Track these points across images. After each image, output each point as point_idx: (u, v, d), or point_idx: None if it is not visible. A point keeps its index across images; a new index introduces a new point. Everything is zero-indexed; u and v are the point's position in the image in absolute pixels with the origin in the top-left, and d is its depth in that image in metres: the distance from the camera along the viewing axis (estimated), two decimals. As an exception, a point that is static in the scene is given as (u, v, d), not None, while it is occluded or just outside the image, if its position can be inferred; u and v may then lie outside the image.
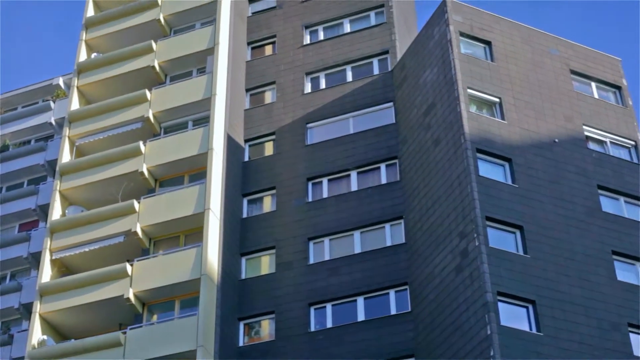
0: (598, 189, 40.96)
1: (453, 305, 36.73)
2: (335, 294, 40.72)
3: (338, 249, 42.21)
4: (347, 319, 40.05)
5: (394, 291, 40.23)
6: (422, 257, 39.61)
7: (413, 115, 43.69)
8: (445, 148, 40.41)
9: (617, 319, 37.24)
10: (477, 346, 34.81)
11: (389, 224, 42.12)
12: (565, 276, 37.32)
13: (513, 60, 43.61)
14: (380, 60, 48.05)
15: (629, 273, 39.21)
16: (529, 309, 36.08)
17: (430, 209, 39.97)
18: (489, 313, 34.79)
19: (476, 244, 36.49)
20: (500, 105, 41.61)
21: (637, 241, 40.00)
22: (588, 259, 38.33)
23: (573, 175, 40.75)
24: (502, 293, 35.70)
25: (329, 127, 46.26)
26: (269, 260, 43.16)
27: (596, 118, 43.67)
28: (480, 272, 35.79)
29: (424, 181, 41.15)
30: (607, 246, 39.20)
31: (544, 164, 40.40)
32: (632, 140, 43.89)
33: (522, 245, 37.65)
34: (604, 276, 38.17)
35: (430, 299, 38.22)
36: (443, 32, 43.39)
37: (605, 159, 42.32)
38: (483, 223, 37.10)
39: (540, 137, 41.29)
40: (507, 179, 39.45)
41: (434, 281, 38.30)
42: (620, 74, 46.39)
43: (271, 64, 49.80)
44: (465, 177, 38.43)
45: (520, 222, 38.03)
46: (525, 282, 36.35)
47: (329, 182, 44.46)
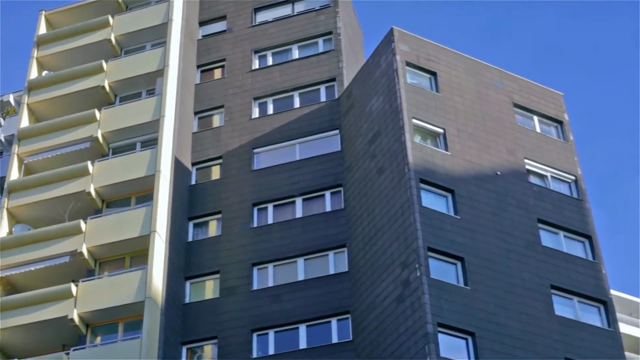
0: (538, 223, 41.77)
1: (394, 335, 37.25)
2: (277, 321, 41.07)
3: (282, 276, 42.60)
4: (289, 347, 40.39)
5: (336, 320, 40.68)
6: (364, 286, 40.13)
7: (358, 143, 44.27)
8: (389, 177, 40.99)
9: (555, 353, 37.96)
10: (416, 376, 35.37)
11: (332, 252, 42.61)
12: (505, 309, 38.00)
13: (458, 91, 44.34)
14: (327, 87, 48.60)
15: (566, 307, 40.01)
16: (469, 341, 36.66)
17: (374, 238, 40.52)
18: (429, 344, 35.32)
19: (417, 275, 37.05)
20: (444, 136, 42.28)
21: (575, 276, 40.85)
22: (527, 292, 39.08)
23: (514, 208, 41.53)
24: (442, 324, 36.27)
25: (276, 152, 46.71)
26: (213, 284, 43.44)
27: (538, 152, 44.54)
28: (421, 302, 36.35)
29: (367, 210, 41.70)
30: (546, 280, 39.99)
31: (486, 196, 41.14)
32: (573, 175, 44.78)
33: (463, 276, 38.28)
34: (542, 310, 38.93)
35: (372, 328, 38.71)
36: (390, 62, 43.98)
37: (545, 193, 43.17)
38: (425, 253, 37.68)
39: (483, 169, 42.03)
40: (450, 210, 40.10)
41: (376, 310, 38.82)
42: (562, 109, 47.33)
43: (220, 87, 50.15)
44: (408, 207, 39.02)
45: (461, 254, 38.68)
46: (465, 314, 36.98)
47: (275, 208, 44.87)
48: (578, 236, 42.62)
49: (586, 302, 40.72)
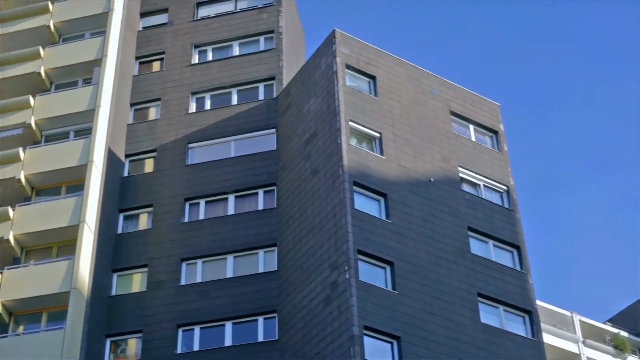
0: (468, 231, 42.03)
1: (319, 336, 37.22)
2: (204, 317, 40.85)
3: (210, 272, 42.37)
4: (215, 343, 40.18)
5: (262, 318, 40.56)
6: (292, 286, 40.06)
7: (294, 143, 44.20)
8: (323, 178, 40.97)
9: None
10: (340, 378, 35.39)
11: (262, 251, 42.49)
12: (431, 315, 38.17)
13: (396, 96, 44.45)
14: (266, 85, 48.48)
15: (492, 316, 40.31)
16: (394, 345, 36.78)
17: (304, 238, 40.46)
18: (354, 346, 35.35)
19: (346, 277, 37.07)
20: (380, 140, 42.35)
21: (502, 285, 41.16)
22: (454, 299, 39.29)
23: (445, 215, 41.73)
24: (369, 327, 36.32)
25: (211, 148, 46.48)
26: (141, 278, 43.07)
27: (472, 161, 44.80)
28: (349, 305, 36.36)
29: (300, 210, 41.64)
30: (473, 288, 40.24)
31: (418, 202, 41.29)
32: (505, 185, 45.12)
33: (392, 281, 38.37)
34: (468, 317, 39.17)
35: (298, 329, 38.65)
36: (330, 63, 43.97)
37: (477, 201, 43.45)
38: (355, 256, 37.71)
39: (417, 175, 42.18)
40: (382, 214, 40.18)
41: (303, 311, 38.76)
42: (498, 119, 47.67)
43: (158, 80, 49.78)
44: (341, 209, 39.02)
45: (391, 258, 38.78)
46: (392, 318, 37.08)
47: (207, 204, 44.62)
48: (507, 246, 42.96)
49: (512, 311, 41.06)
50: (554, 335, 58.75)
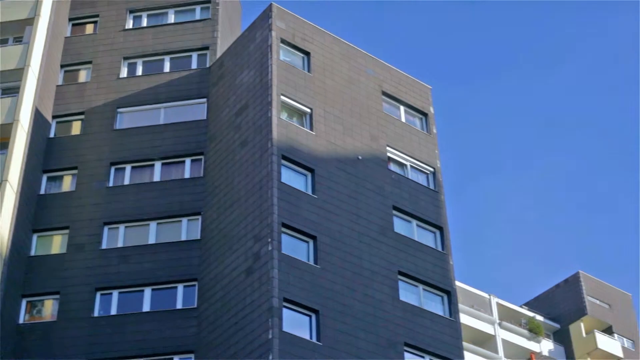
0: (393, 210, 42.26)
1: (239, 306, 37.21)
2: (123, 282, 40.58)
3: (132, 237, 42.06)
4: (132, 308, 40.01)
5: (182, 286, 40.41)
6: (214, 256, 39.96)
7: (225, 114, 44.01)
8: (251, 151, 40.88)
9: (395, 337, 38.55)
10: (257, 349, 35.38)
11: (186, 219, 42.28)
12: (351, 290, 38.36)
13: (329, 74, 44.46)
14: (199, 55, 48.16)
15: (411, 294, 40.65)
16: (312, 318, 36.92)
17: (229, 209, 40.36)
18: (272, 318, 35.42)
19: (269, 249, 37.08)
20: (310, 116, 42.36)
21: (423, 264, 41.48)
22: (375, 275, 39.51)
23: (371, 193, 41.89)
24: (288, 300, 36.43)
25: (140, 114, 46.07)
26: (61, 240, 42.59)
27: (400, 141, 45.01)
28: (270, 276, 36.40)
29: (226, 180, 41.50)
30: (394, 266, 40.50)
31: (345, 179, 41.39)
32: (432, 166, 45.43)
33: (314, 255, 38.48)
34: (387, 294, 39.44)
35: (217, 298, 38.59)
36: (265, 37, 43.81)
37: (403, 181, 43.68)
38: (278, 229, 37.73)
39: (345, 152, 42.27)
40: (308, 188, 40.23)
41: (223, 280, 38.70)
42: (428, 102, 47.95)
43: (90, 43, 49.17)
44: (267, 182, 38.99)
45: (314, 232, 38.85)
46: (312, 292, 37.19)
47: (133, 169, 44.25)
48: (430, 226, 43.31)
49: (431, 291, 41.45)
50: (471, 316, 59.44)
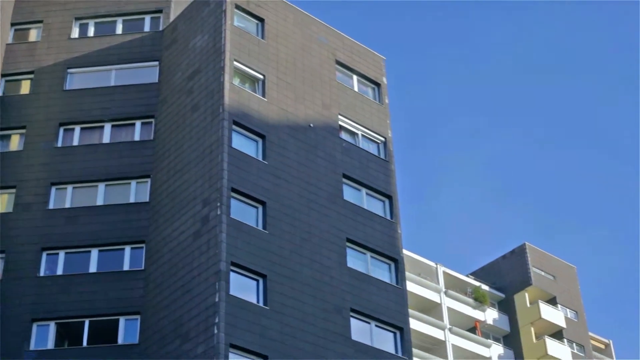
0: (343, 178, 42.44)
1: (186, 269, 37.29)
2: (70, 242, 40.37)
3: (80, 198, 41.81)
4: (79, 269, 39.85)
5: (130, 247, 40.33)
6: (163, 218, 39.92)
7: (177, 78, 43.82)
8: (202, 115, 40.79)
9: (342, 303, 38.86)
10: (203, 312, 35.51)
11: (135, 181, 42.09)
12: (299, 255, 38.57)
13: (283, 41, 44.40)
14: (153, 18, 47.79)
15: (359, 261, 40.94)
16: (260, 282, 37.10)
17: (179, 172, 40.29)
18: (219, 281, 35.55)
19: (218, 213, 37.15)
20: (263, 83, 42.32)
21: (371, 232, 41.76)
22: (323, 242, 39.73)
23: (321, 160, 42.02)
24: (236, 264, 36.57)
25: (91, 75, 45.66)
26: (7, 199, 42.19)
27: (352, 110, 45.13)
28: (218, 240, 36.50)
29: (177, 144, 41.39)
30: (343, 233, 40.74)
31: (296, 146, 41.48)
32: (383, 136, 45.63)
33: (263, 220, 38.60)
34: (335, 261, 39.70)
35: (165, 260, 38.61)
36: (219, 2, 43.58)
37: (354, 150, 43.85)
38: (228, 193, 37.79)
39: (297, 120, 42.32)
40: (259, 154, 40.27)
41: (171, 243, 38.71)
42: (382, 72, 48.07)
43: (41, 2, 48.54)
44: (218, 146, 38.97)
45: (264, 198, 38.96)
46: (259, 256, 37.34)
47: (82, 130, 43.88)
48: (379, 195, 43.58)
49: (378, 258, 41.78)
50: (418, 284, 59.96)
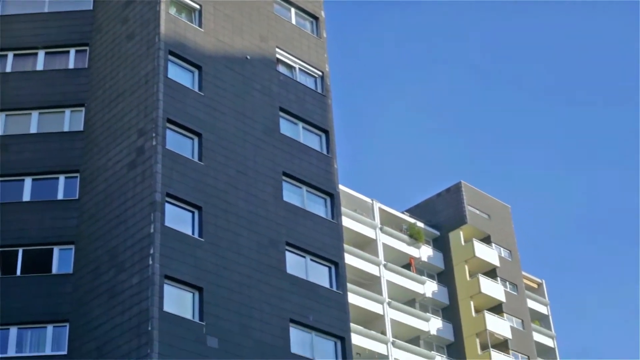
0: (279, 111, 42.26)
1: (121, 199, 37.04)
2: (3, 170, 39.69)
3: (13, 126, 41.04)
4: (12, 198, 39.26)
5: (64, 177, 39.86)
6: (97, 148, 39.49)
7: (112, 5, 43.07)
8: (138, 44, 40.25)
9: (277, 237, 38.92)
10: (138, 242, 35.39)
11: (69, 110, 41.47)
12: (235, 188, 38.46)
13: (220, -29, 43.83)
14: (88, -56, 46.83)
15: (295, 195, 40.94)
16: (195, 214, 36.98)
17: (114, 102, 39.81)
18: (155, 212, 35.40)
19: (153, 144, 36.85)
20: (199, 13, 41.81)
21: (307, 166, 41.73)
22: (259, 175, 39.63)
23: (258, 93, 41.78)
24: (171, 195, 36.41)
25: (24, 1, 44.55)
26: (-62, 127, 41.53)
27: (290, 43, 44.82)
28: (153, 171, 36.27)
29: (111, 73, 40.84)
30: (279, 167, 40.67)
31: (232, 78, 41.16)
32: (320, 70, 45.43)
33: (199, 152, 38.39)
34: (271, 194, 39.67)
35: (100, 190, 38.28)
36: None
37: (291, 83, 43.63)
38: (163, 124, 37.48)
39: (233, 51, 41.95)
40: (195, 85, 39.93)
41: (106, 173, 38.37)
42: (320, 6, 47.73)
43: None
44: (153, 76, 38.55)
45: (199, 130, 38.70)
46: (195, 188, 37.19)
47: (15, 57, 42.99)
48: (316, 129, 43.51)
49: (314, 193, 41.82)
50: (353, 220, 60.14)
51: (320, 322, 38.65)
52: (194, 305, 35.28)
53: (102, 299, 35.84)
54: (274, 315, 37.20)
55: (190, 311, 35.09)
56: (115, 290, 35.45)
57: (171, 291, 34.75)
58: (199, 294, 35.45)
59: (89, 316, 36.02)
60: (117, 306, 34.97)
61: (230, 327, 35.55)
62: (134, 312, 34.15)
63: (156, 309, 33.65)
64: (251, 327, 36.18)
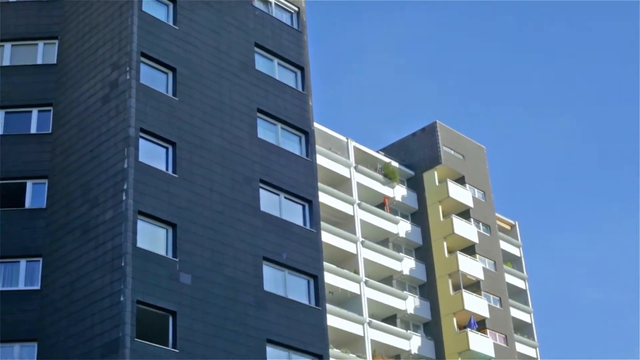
0: (255, 47, 41.87)
1: (95, 133, 36.73)
2: (-27, 102, 39.43)
3: (-15, 59, 40.67)
4: (-16, 131, 38.99)
5: (37, 110, 39.38)
6: (71, 81, 39.04)
7: (87, -61, 42.36)
8: (110, -22, 39.60)
9: (251, 174, 38.77)
10: (111, 177, 35.17)
11: (42, 42, 40.85)
12: (209, 124, 38.20)
13: None
14: None
15: (269, 132, 40.73)
16: (169, 150, 36.74)
17: (88, 35, 39.28)
18: (128, 147, 35.14)
19: (127, 78, 36.48)
20: (174, -53, 41.20)
21: (283, 103, 41.47)
22: (234, 112, 39.36)
23: (233, 28, 41.33)
24: (145, 130, 36.12)
25: None
26: None
27: (265, -23, 44.34)
28: (127, 106, 35.95)
29: (85, 5, 40.16)
30: (254, 103, 40.40)
31: (208, 12, 40.68)
32: (296, 6, 44.98)
33: (173, 87, 38.04)
34: (245, 131, 39.44)
35: (73, 124, 37.92)
36: None
37: (267, 19, 43.19)
38: (137, 58, 37.07)
39: (210, -15, 41.41)
40: (169, 19, 39.43)
41: (80, 107, 37.98)
42: (295, -58, 47.15)
43: None
44: (127, 9, 38.04)
45: (174, 64, 38.32)
46: (169, 123, 36.93)
47: (-14, -11, 42.45)
48: (292, 66, 43.20)
49: (289, 130, 41.60)
50: (328, 158, 59.86)
51: (293, 260, 38.68)
52: (167, 242, 35.22)
53: (76, 234, 35.69)
54: (248, 253, 37.17)
55: (163, 247, 35.03)
56: (88, 226, 35.30)
57: (144, 227, 34.65)
58: (172, 230, 35.36)
59: (62, 251, 35.90)
60: (90, 241, 34.88)
61: (204, 263, 35.53)
62: (107, 248, 34.08)
63: (129, 244, 33.58)
64: (224, 264, 36.17)
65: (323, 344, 38.18)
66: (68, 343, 33.97)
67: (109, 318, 32.76)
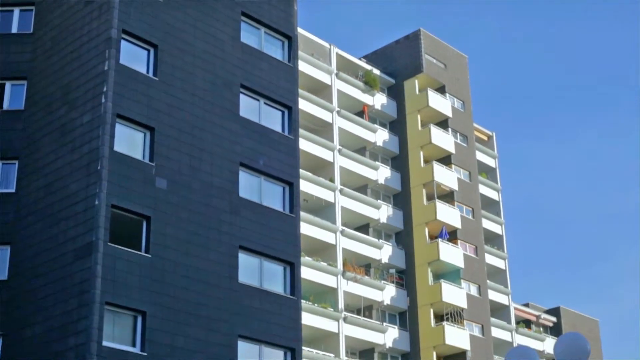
0: (242, 16, 41.23)
1: (77, 34, 36.50)
2: (-46, -2, 38.95)
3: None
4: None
5: (19, 9, 39.06)
6: (54, -20, 38.73)
7: None
8: None
9: (232, 78, 38.76)
10: (92, 79, 35.05)
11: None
12: (193, 27, 38.10)
13: None
14: None
15: (253, 36, 40.65)
16: (150, 52, 36.58)
17: None
18: (110, 49, 34.96)
19: (112, -23, 36.19)
20: None
21: (266, 7, 41.39)
22: (217, 14, 39.38)
23: (219, -2, 40.59)
24: (128, 32, 35.90)
25: None
26: None
27: None
28: (110, 6, 35.70)
29: None
30: (238, 6, 40.33)
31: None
32: None
33: (158, -12, 37.74)
34: (228, 35, 39.38)
35: (55, 25, 37.66)
36: None
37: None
38: (124, -44, 36.71)
39: None
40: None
41: (62, 7, 37.69)
42: None
43: None
44: None
45: (159, -34, 37.93)
46: (152, 25, 36.70)
47: None
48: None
49: (272, 35, 41.44)
50: (310, 64, 59.48)
51: (270, 166, 38.90)
52: (144, 146, 35.25)
53: (53, 136, 35.74)
54: (225, 158, 37.36)
55: (140, 151, 35.09)
56: (66, 128, 35.34)
57: (122, 130, 34.63)
58: (150, 134, 35.38)
59: (39, 153, 35.99)
60: (68, 144, 34.95)
61: (180, 168, 35.71)
62: (84, 151, 34.15)
63: (106, 148, 33.60)
64: (201, 169, 36.38)
65: (295, 251, 38.65)
66: (42, 246, 34.29)
67: (83, 222, 33.03)
